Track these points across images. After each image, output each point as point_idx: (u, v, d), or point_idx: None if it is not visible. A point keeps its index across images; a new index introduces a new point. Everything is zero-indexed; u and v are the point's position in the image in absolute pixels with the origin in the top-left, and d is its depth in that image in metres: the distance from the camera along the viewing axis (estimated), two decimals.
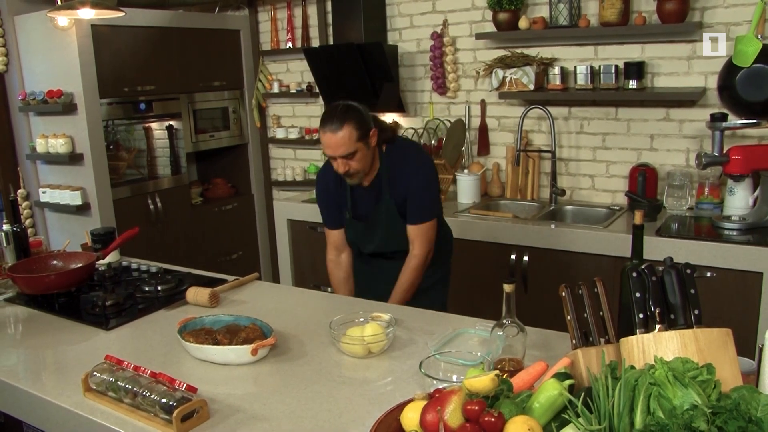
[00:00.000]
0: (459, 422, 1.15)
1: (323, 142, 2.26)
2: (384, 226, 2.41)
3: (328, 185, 2.49)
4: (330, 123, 2.22)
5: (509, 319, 1.55)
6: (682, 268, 1.33)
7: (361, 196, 2.43)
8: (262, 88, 4.65)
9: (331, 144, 2.22)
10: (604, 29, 3.23)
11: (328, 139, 2.22)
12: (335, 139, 2.21)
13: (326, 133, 2.22)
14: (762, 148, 2.79)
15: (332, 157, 2.26)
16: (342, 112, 2.23)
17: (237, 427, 1.41)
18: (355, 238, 2.51)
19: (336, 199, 2.49)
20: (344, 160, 2.24)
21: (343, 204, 2.48)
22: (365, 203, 2.43)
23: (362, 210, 2.44)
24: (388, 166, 2.38)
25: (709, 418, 1.00)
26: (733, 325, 1.40)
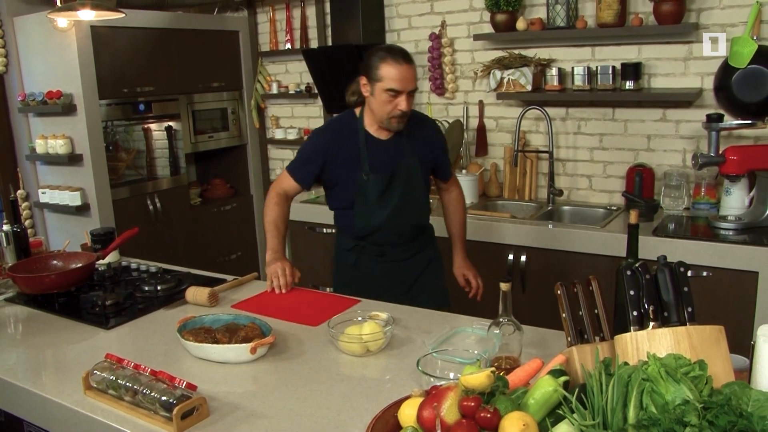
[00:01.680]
0: (455, 418, 1.16)
1: (392, 75, 2.13)
2: (405, 183, 2.32)
3: (335, 141, 2.32)
4: (401, 55, 2.15)
5: (506, 318, 1.57)
6: (676, 267, 1.35)
7: (379, 153, 2.31)
8: (261, 89, 4.67)
9: (405, 76, 2.14)
10: (601, 30, 3.25)
11: (403, 70, 2.13)
12: (411, 71, 2.14)
13: (401, 63, 2.13)
14: (758, 149, 2.81)
15: (400, 91, 2.15)
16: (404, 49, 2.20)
17: (236, 424, 1.43)
18: (366, 202, 2.33)
19: (336, 161, 2.31)
20: (409, 96, 2.17)
21: (352, 167, 2.30)
22: (384, 160, 2.31)
23: (381, 168, 2.31)
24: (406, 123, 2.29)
25: (701, 413, 1.01)
26: (729, 324, 1.42)
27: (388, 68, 2.14)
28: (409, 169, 2.32)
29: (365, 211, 2.35)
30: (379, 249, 2.42)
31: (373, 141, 2.31)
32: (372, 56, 2.20)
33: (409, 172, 2.33)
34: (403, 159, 2.32)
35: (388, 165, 2.31)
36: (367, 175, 2.30)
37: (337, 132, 2.35)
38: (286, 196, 2.44)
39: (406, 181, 2.33)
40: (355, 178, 2.31)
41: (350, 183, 2.32)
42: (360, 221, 2.38)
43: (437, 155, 2.43)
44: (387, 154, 2.31)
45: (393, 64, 2.13)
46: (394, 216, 2.34)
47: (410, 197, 2.34)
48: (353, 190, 2.33)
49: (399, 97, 2.17)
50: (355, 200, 2.35)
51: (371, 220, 2.36)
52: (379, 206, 2.33)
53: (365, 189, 2.32)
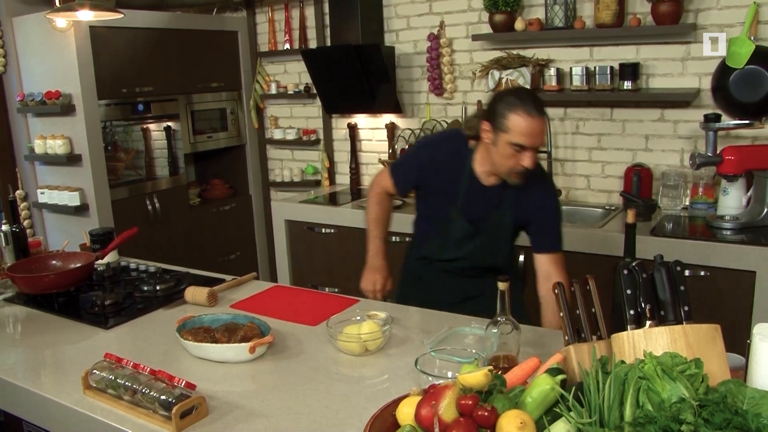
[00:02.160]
0: (453, 416, 1.17)
1: (523, 128, 1.88)
2: (489, 233, 2.15)
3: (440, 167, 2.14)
4: (533, 106, 1.89)
5: (504, 317, 1.57)
6: (672, 266, 1.35)
7: (477, 197, 2.12)
8: (260, 89, 4.67)
9: (534, 131, 1.89)
10: (600, 31, 3.26)
11: (533, 125, 1.88)
12: (542, 125, 1.90)
13: (533, 117, 1.88)
14: (755, 149, 2.82)
15: (525, 147, 1.91)
16: (535, 95, 1.94)
17: (235, 423, 1.43)
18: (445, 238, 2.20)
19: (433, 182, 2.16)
20: (534, 153, 1.94)
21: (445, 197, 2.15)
22: (479, 206, 2.13)
23: (472, 212, 2.14)
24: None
25: (696, 411, 1.02)
26: (726, 323, 1.42)
27: (517, 120, 1.89)
28: (499, 222, 2.14)
29: (441, 243, 2.23)
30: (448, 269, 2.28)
31: (476, 184, 2.11)
32: (500, 102, 1.94)
33: (498, 224, 2.14)
34: (497, 210, 2.12)
35: (480, 211, 2.13)
36: (458, 214, 2.14)
37: (445, 156, 2.16)
38: (387, 193, 2.36)
39: (491, 232, 2.16)
40: (445, 208, 2.16)
41: (438, 209, 2.18)
42: (431, 249, 2.27)
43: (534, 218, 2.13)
44: (484, 201, 2.12)
45: (524, 116, 1.88)
46: (467, 257, 2.21)
47: (490, 247, 2.18)
48: (438, 217, 2.19)
49: (525, 152, 1.93)
50: (436, 228, 2.22)
51: (443, 254, 2.23)
52: (455, 246, 2.19)
53: (450, 226, 2.17)
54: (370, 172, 4.36)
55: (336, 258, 3.83)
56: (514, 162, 1.95)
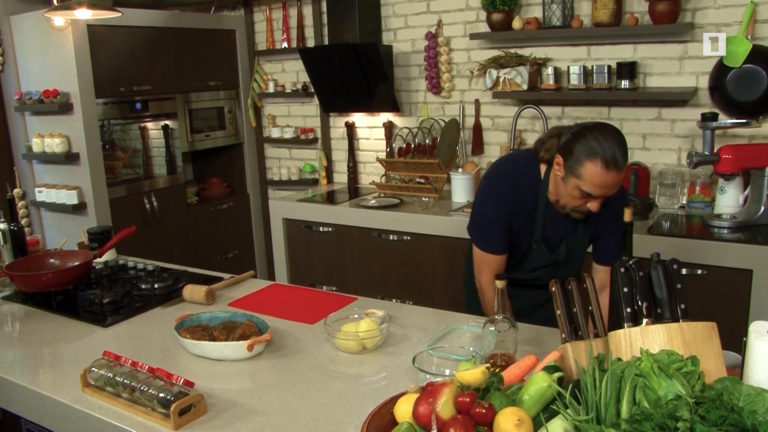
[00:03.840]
0: (450, 414, 1.17)
1: (596, 180, 1.78)
2: (571, 257, 2.11)
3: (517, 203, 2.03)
4: (612, 157, 1.76)
5: (501, 315, 1.58)
6: (669, 264, 1.36)
7: (554, 221, 2.05)
8: (258, 88, 4.67)
9: (609, 183, 1.79)
10: (597, 30, 3.26)
11: (608, 178, 1.78)
12: (617, 178, 1.79)
13: (609, 170, 1.76)
14: (752, 148, 2.83)
15: (593, 195, 1.83)
16: (623, 144, 1.80)
17: (233, 421, 1.44)
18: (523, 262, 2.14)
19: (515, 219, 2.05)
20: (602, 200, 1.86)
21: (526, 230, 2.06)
22: (557, 230, 2.06)
23: (552, 239, 2.08)
24: None
25: (693, 408, 1.03)
26: (723, 322, 1.43)
27: (593, 170, 1.78)
28: (578, 242, 2.10)
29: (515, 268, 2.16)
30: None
31: (551, 210, 2.02)
32: (579, 142, 1.81)
33: (578, 244, 2.10)
34: (575, 233, 2.07)
35: (558, 236, 2.07)
36: (538, 244, 2.07)
37: (518, 190, 2.04)
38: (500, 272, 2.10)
39: (568, 255, 2.11)
40: (523, 238, 2.08)
41: (518, 237, 2.08)
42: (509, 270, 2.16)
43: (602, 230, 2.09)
44: (562, 226, 2.06)
45: (601, 168, 1.76)
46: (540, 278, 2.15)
47: (573, 266, 2.13)
48: (517, 243, 2.09)
49: (592, 200, 1.86)
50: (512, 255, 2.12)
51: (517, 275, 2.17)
52: (529, 272, 2.15)
53: (527, 254, 2.11)
54: (367, 170, 4.36)
55: (334, 256, 3.83)
56: (580, 204, 1.89)
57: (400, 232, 3.51)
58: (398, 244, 3.54)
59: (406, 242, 3.52)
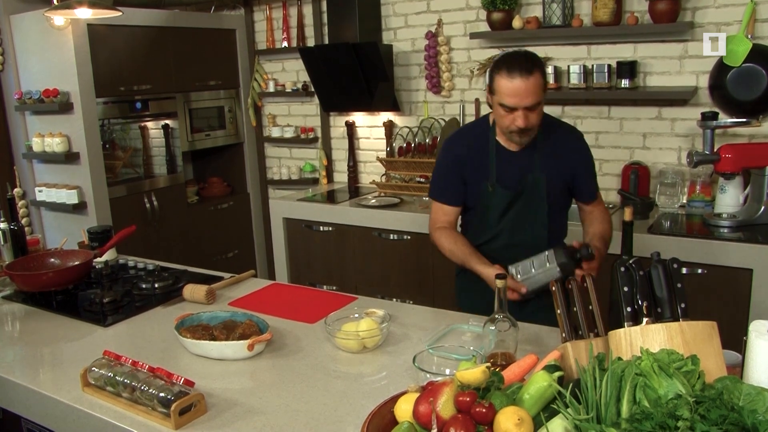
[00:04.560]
0: (451, 413, 1.17)
1: (505, 90, 1.93)
2: (527, 200, 2.13)
3: (464, 152, 2.15)
4: (519, 66, 1.92)
5: (501, 315, 1.58)
6: (669, 263, 1.36)
7: (508, 165, 2.12)
8: (258, 88, 4.67)
9: (519, 91, 1.91)
10: (597, 29, 3.26)
11: (517, 85, 1.91)
12: (526, 85, 1.91)
13: (514, 77, 1.91)
14: (752, 147, 2.83)
15: (513, 107, 1.95)
16: (530, 57, 1.97)
17: (234, 420, 1.44)
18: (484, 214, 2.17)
19: (467, 170, 2.15)
20: (526, 112, 1.95)
21: (479, 175, 2.14)
22: (511, 173, 2.12)
23: (507, 181, 2.12)
24: (541, 134, 2.10)
25: (693, 407, 1.03)
26: (724, 321, 1.43)
27: (501, 81, 1.95)
28: (534, 186, 2.12)
29: (475, 225, 2.22)
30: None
31: (503, 152, 2.13)
32: (493, 64, 2.01)
33: (533, 188, 2.12)
34: (531, 173, 2.12)
35: (515, 179, 2.13)
36: (493, 186, 2.13)
37: (467, 142, 2.18)
38: (450, 224, 2.23)
39: (527, 198, 2.13)
40: (482, 186, 2.15)
41: (475, 191, 2.17)
42: (469, 233, 2.25)
43: (575, 173, 2.17)
44: (515, 167, 2.12)
45: (506, 77, 1.93)
46: (503, 235, 2.17)
47: (529, 216, 2.14)
48: (476, 198, 2.18)
49: (515, 112, 1.97)
50: (476, 209, 2.20)
51: (480, 236, 2.20)
52: (494, 222, 2.17)
53: (488, 201, 2.16)
54: (367, 170, 4.36)
55: (334, 256, 3.83)
56: (509, 122, 2.00)
57: (401, 231, 3.51)
58: (398, 243, 3.54)
59: (406, 242, 3.51)
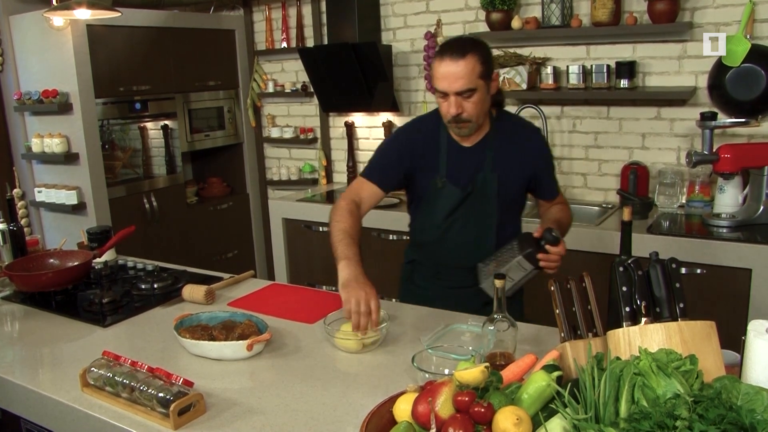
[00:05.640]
0: (450, 413, 1.17)
1: (437, 74, 1.89)
2: (477, 200, 2.05)
3: (417, 140, 2.07)
4: (451, 49, 1.87)
5: (500, 315, 1.58)
6: (668, 263, 1.36)
7: (459, 160, 2.04)
8: (257, 88, 4.67)
9: (448, 75, 1.86)
10: (596, 29, 3.26)
11: (445, 68, 1.86)
12: (455, 68, 1.84)
13: (444, 60, 1.86)
14: (751, 147, 2.83)
15: (445, 92, 1.89)
16: (467, 40, 1.91)
17: (233, 420, 1.44)
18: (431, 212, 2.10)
19: (416, 160, 2.06)
20: (459, 98, 1.88)
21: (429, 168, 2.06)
22: (462, 170, 2.04)
23: (458, 178, 2.05)
24: (497, 131, 2.04)
25: (691, 407, 1.03)
26: (723, 321, 1.43)
27: (434, 64, 1.90)
28: (485, 185, 2.04)
29: (422, 220, 2.15)
30: (434, 269, 2.19)
31: (454, 147, 2.05)
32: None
33: (483, 187, 2.05)
34: (482, 172, 2.04)
35: (466, 176, 2.04)
36: (442, 181, 2.05)
37: (419, 132, 2.10)
38: (360, 205, 2.06)
39: (476, 197, 2.05)
40: (431, 180, 2.07)
41: (424, 185, 2.09)
42: (415, 230, 2.20)
43: (533, 172, 2.10)
44: (467, 164, 2.04)
45: (438, 60, 1.88)
46: (452, 233, 2.09)
47: (478, 216, 2.06)
48: (424, 193, 2.10)
49: (448, 98, 1.90)
50: (424, 205, 2.12)
51: (426, 233, 2.15)
52: (441, 220, 2.09)
53: (436, 197, 2.08)
54: None
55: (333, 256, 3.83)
56: (445, 110, 1.94)
57: (400, 231, 3.51)
58: (398, 243, 3.54)
59: (405, 242, 3.50)
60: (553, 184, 2.18)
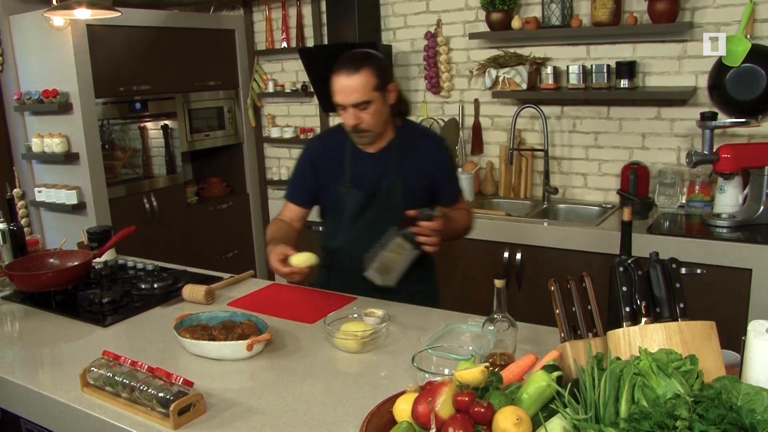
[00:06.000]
0: (450, 413, 1.17)
1: (334, 88, 2.00)
2: (381, 205, 2.14)
3: (322, 152, 2.20)
4: (346, 65, 1.99)
5: (500, 314, 1.58)
6: (668, 263, 1.36)
7: (364, 167, 2.15)
8: (257, 88, 4.67)
9: (343, 89, 1.98)
10: (596, 29, 3.26)
11: (341, 82, 1.98)
12: (349, 82, 1.97)
13: (340, 76, 1.98)
14: (751, 147, 2.83)
15: (343, 105, 2.01)
16: (361, 55, 2.03)
17: (233, 420, 1.44)
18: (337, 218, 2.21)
19: (322, 171, 2.19)
20: (356, 110, 2.00)
21: (335, 177, 2.18)
22: (367, 176, 2.15)
23: (363, 184, 2.15)
24: (401, 139, 2.15)
25: (691, 407, 1.03)
26: (723, 321, 1.43)
27: (332, 79, 2.02)
28: (388, 191, 2.13)
29: (331, 228, 2.26)
30: (347, 274, 2.24)
31: (359, 154, 2.16)
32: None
33: (388, 193, 2.13)
34: (386, 178, 2.14)
35: (370, 182, 2.15)
36: (347, 188, 2.16)
37: (326, 142, 2.24)
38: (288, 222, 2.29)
39: (382, 202, 2.14)
40: (336, 187, 2.18)
41: (331, 193, 2.21)
42: (324, 237, 2.30)
43: (435, 178, 2.19)
44: (370, 169, 2.15)
45: (335, 73, 2.01)
46: (361, 239, 2.14)
47: (384, 222, 2.07)
48: (331, 200, 2.21)
49: (345, 110, 2.02)
50: (329, 213, 2.25)
51: (336, 239, 2.24)
52: (348, 225, 2.19)
53: (342, 203, 2.19)
54: None
55: None
56: (345, 121, 2.05)
57: None
58: None
59: None
60: (453, 190, 2.27)
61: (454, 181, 2.28)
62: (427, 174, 2.17)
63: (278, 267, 2.00)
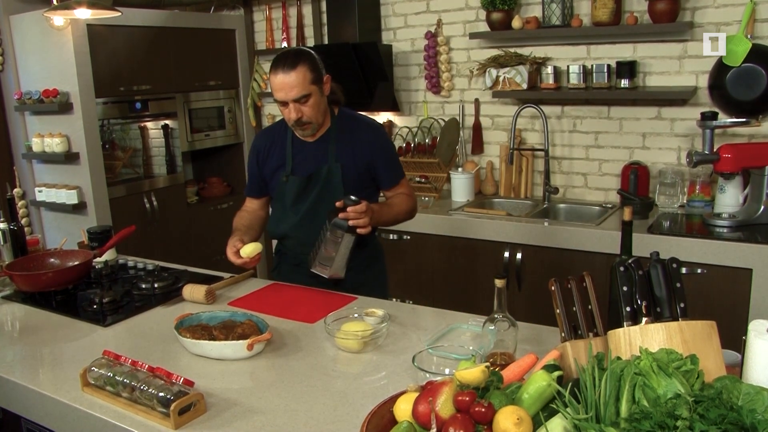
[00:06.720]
0: (450, 412, 1.17)
1: (274, 86, 2.13)
2: (320, 189, 2.26)
3: (266, 146, 2.36)
4: (282, 64, 2.10)
5: (501, 314, 1.58)
6: (669, 263, 1.36)
7: (303, 156, 2.30)
8: (258, 88, 4.67)
9: (283, 86, 2.10)
10: (597, 29, 3.26)
11: (280, 80, 2.10)
12: (288, 79, 2.09)
13: (278, 74, 2.10)
14: (752, 147, 2.83)
15: (284, 101, 2.13)
16: (295, 53, 2.15)
17: (233, 420, 1.44)
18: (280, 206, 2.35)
19: (267, 164, 2.36)
20: (297, 104, 2.13)
21: (277, 167, 2.33)
22: (306, 164, 2.29)
23: (301, 171, 2.29)
24: (338, 127, 2.29)
25: (692, 407, 1.03)
26: (723, 321, 1.43)
27: (270, 78, 2.14)
28: (328, 175, 2.26)
29: (277, 215, 2.38)
30: (296, 259, 2.39)
31: (298, 144, 2.30)
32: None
33: (328, 177, 2.26)
34: (326, 164, 2.26)
35: (309, 167, 2.28)
36: (287, 176, 2.30)
37: (269, 136, 2.38)
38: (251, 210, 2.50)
39: (322, 186, 2.27)
40: (278, 178, 2.33)
41: (275, 183, 2.36)
42: (271, 225, 2.42)
43: (373, 163, 2.30)
44: (310, 158, 2.29)
45: (273, 72, 2.12)
46: (304, 224, 2.29)
47: (327, 208, 2.18)
48: (275, 190, 2.36)
49: (286, 106, 2.15)
50: (274, 201, 2.39)
51: (280, 226, 2.37)
52: (291, 211, 2.32)
53: (283, 191, 2.33)
54: None
55: None
56: (287, 116, 2.18)
57: (400, 231, 3.51)
58: (398, 243, 3.54)
59: (406, 242, 3.51)
60: (391, 174, 2.36)
61: (393, 165, 2.37)
62: (365, 159, 2.29)
63: (233, 259, 2.20)
